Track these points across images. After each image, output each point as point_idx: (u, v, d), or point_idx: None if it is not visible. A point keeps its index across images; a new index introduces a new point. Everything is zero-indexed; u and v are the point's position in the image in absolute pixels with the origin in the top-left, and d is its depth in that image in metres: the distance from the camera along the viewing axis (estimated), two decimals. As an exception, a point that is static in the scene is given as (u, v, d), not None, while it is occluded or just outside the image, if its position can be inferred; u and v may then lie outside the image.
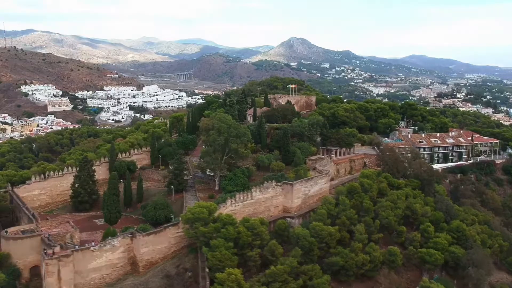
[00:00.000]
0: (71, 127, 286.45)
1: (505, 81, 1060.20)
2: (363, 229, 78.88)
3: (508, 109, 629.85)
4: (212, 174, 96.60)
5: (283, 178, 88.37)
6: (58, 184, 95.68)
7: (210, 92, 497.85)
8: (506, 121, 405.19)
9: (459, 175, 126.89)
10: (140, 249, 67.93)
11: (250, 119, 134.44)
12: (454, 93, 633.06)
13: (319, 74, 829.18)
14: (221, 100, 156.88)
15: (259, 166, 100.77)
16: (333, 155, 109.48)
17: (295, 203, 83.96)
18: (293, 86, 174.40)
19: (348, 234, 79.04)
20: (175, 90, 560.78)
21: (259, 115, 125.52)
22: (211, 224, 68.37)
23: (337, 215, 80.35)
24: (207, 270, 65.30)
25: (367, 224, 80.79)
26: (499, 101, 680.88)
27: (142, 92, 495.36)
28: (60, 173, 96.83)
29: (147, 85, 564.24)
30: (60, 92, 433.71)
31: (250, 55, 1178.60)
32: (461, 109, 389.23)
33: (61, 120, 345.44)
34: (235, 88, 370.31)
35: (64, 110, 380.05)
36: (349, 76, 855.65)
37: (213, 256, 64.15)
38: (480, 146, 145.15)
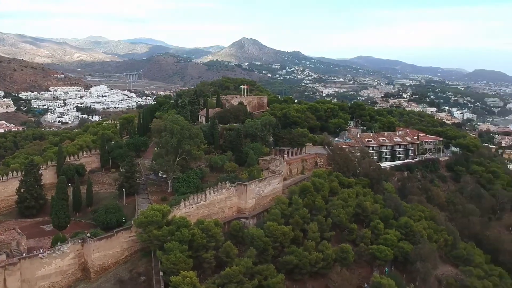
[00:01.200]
0: (14, 129, 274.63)
1: (447, 82, 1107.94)
2: (316, 228, 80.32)
3: (450, 108, 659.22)
4: (164, 176, 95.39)
5: (237, 179, 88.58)
6: (2, 189, 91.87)
7: (161, 93, 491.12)
8: (449, 120, 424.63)
9: (406, 172, 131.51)
10: (91, 255, 66.12)
11: (202, 120, 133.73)
12: (400, 93, 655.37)
13: (270, 75, 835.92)
14: (173, 101, 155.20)
15: (213, 167, 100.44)
16: (286, 155, 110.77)
17: (249, 204, 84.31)
18: (245, 86, 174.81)
19: (301, 233, 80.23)
20: (125, 90, 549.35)
21: (211, 116, 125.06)
22: (165, 227, 67.53)
23: (291, 214, 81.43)
24: (161, 273, 64.43)
25: (319, 223, 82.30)
26: (442, 100, 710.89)
27: (90, 93, 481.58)
28: (4, 178, 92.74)
29: (95, 85, 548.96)
30: (2, 93, 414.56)
31: (201, 55, 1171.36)
32: (407, 108, 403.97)
33: (4, 122, 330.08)
34: (187, 88, 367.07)
35: (6, 112, 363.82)
36: (299, 76, 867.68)
37: (167, 259, 63.38)
38: (425, 144, 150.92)
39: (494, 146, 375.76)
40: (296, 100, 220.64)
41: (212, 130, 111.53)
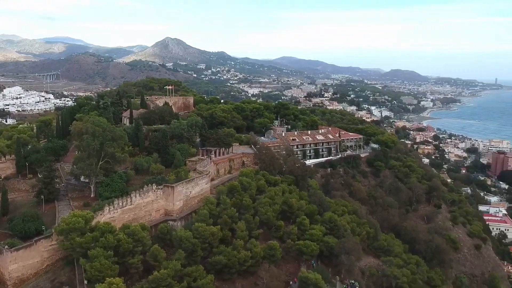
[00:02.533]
0: None
1: (366, 81, 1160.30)
2: (244, 227, 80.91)
3: (369, 106, 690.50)
4: (87, 180, 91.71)
5: (164, 180, 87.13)
6: None
7: (81, 94, 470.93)
8: (368, 118, 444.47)
9: (329, 169, 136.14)
10: (8, 266, 62.21)
11: (126, 121, 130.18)
12: (322, 93, 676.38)
13: (195, 75, 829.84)
14: (94, 102, 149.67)
15: (138, 169, 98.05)
16: (213, 156, 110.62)
17: (176, 206, 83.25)
18: (170, 87, 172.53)
19: (230, 232, 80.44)
20: (42, 92, 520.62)
21: (135, 117, 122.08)
22: (88, 234, 65.03)
23: (219, 214, 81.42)
24: (85, 282, 61.95)
25: (247, 221, 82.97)
26: (361, 99, 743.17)
27: (3, 95, 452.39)
28: None
29: (8, 86, 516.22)
30: None
31: (123, 54, 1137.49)
32: (329, 107, 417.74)
33: None
34: (109, 89, 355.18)
35: None
36: (225, 77, 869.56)
37: (91, 267, 61.05)
38: (347, 141, 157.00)
39: (409, 142, 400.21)
40: (222, 100, 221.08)
41: (136, 132, 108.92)
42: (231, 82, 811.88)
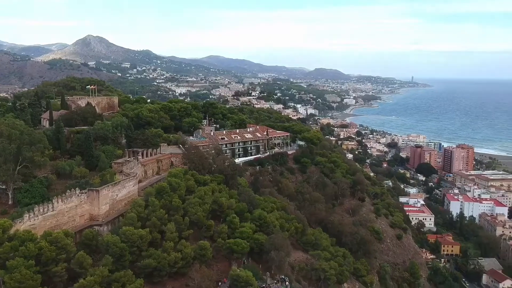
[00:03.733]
0: None
1: (291, 80, 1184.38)
2: (174, 228, 79.86)
3: (295, 104, 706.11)
4: (3, 187, 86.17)
5: (88, 184, 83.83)
6: None
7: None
8: (295, 116, 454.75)
9: (258, 167, 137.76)
10: None
11: (46, 123, 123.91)
12: (250, 92, 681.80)
13: (120, 74, 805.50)
14: (10, 104, 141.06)
15: (60, 174, 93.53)
16: (140, 157, 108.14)
17: (102, 210, 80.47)
18: (92, 86, 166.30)
19: (159, 234, 79.05)
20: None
21: (56, 119, 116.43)
22: (7, 243, 61.27)
23: (147, 217, 79.74)
24: (4, 294, 58.33)
25: (177, 222, 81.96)
26: (287, 97, 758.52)
27: None
28: None
29: None
30: None
31: (41, 53, 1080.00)
32: (256, 106, 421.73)
33: None
34: (26, 89, 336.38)
35: None
36: (151, 76, 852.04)
37: (11, 278, 57.54)
38: (275, 139, 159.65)
39: (334, 138, 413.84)
40: (148, 100, 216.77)
41: (57, 134, 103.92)
42: (157, 81, 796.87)
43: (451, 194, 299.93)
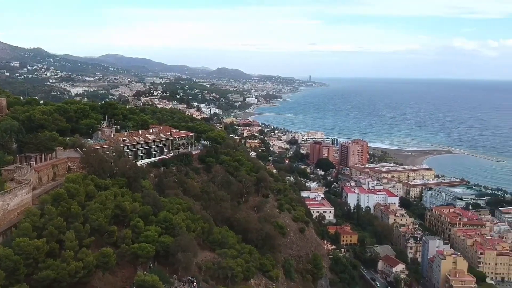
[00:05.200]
0: None
1: (194, 79, 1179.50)
2: (74, 236, 75.77)
3: (199, 104, 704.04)
4: None
5: (-27, 194, 76.79)
6: None
7: None
8: (198, 115, 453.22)
9: (162, 168, 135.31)
10: None
11: None
12: (152, 91, 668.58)
13: (8, 74, 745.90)
14: None
15: None
16: (33, 162, 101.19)
17: (-9, 221, 74.19)
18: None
19: (57, 244, 74.60)
20: None
21: None
22: None
23: (44, 226, 74.79)
24: None
25: (77, 230, 77.86)
26: (191, 97, 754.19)
27: None
28: None
29: None
30: None
31: None
32: (159, 106, 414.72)
33: None
34: None
35: None
36: (43, 75, 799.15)
37: None
38: (179, 139, 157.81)
39: (238, 137, 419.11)
40: (41, 101, 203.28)
41: None
42: (51, 81, 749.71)
43: (348, 187, 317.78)
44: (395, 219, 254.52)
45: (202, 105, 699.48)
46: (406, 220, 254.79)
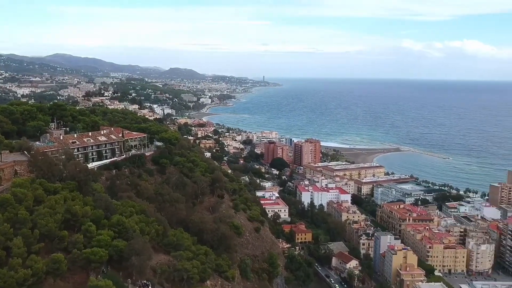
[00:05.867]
0: None
1: (146, 79, 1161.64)
2: (21, 243, 73.02)
3: (151, 105, 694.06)
4: None
5: None
6: None
7: None
8: (151, 116, 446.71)
9: (114, 171, 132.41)
10: None
11: None
12: (102, 92, 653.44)
13: None
14: None
15: None
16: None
17: None
18: None
19: (4, 251, 71.69)
20: None
21: None
22: None
23: (-11, 233, 71.75)
24: None
25: (25, 236, 75.08)
26: (143, 97, 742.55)
27: None
28: None
29: None
30: None
31: None
32: (110, 107, 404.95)
33: None
34: None
35: None
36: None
37: None
38: (131, 141, 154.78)
39: (192, 138, 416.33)
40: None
41: None
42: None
43: (302, 186, 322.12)
44: (347, 216, 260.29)
45: (155, 106, 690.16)
46: (358, 217, 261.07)
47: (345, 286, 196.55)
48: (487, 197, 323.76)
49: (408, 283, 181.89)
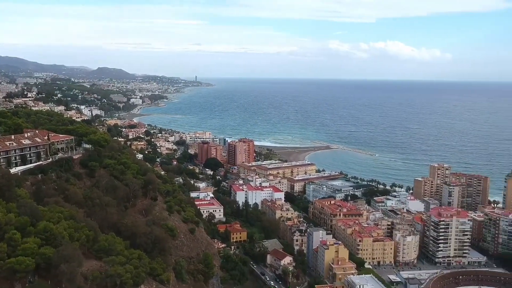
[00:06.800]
0: None
1: (73, 79, 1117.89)
2: None
3: (79, 106, 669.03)
4: None
5: None
6: None
7: None
8: (79, 118, 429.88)
9: (40, 175, 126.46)
10: None
11: None
12: (25, 93, 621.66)
13: None
14: None
15: None
16: None
17: None
18: None
19: None
20: None
21: None
22: None
23: None
24: None
25: None
26: (70, 98, 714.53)
27: None
28: None
29: None
30: None
31: None
32: (34, 108, 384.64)
33: None
34: None
35: None
36: None
37: None
38: (57, 144, 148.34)
39: (122, 139, 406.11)
40: None
41: None
42: None
43: (237, 185, 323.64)
44: (281, 214, 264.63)
45: (82, 107, 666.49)
46: (292, 214, 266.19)
47: (280, 282, 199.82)
48: (411, 191, 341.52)
49: (340, 276, 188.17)
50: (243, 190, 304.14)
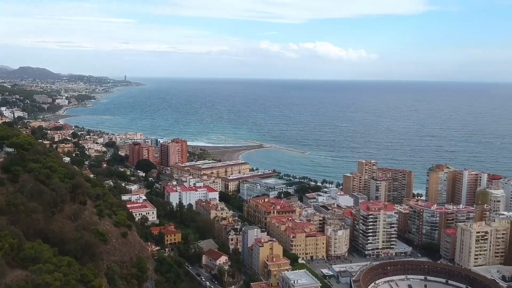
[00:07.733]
0: None
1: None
2: None
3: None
4: None
5: None
6: None
7: None
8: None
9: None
10: None
11: None
12: None
13: None
14: None
15: None
16: None
17: None
18: None
19: None
20: None
21: None
22: None
23: None
24: None
25: None
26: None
27: None
28: None
29: None
30: None
31: None
32: None
33: None
34: None
35: None
36: None
37: None
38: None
39: (48, 142, 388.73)
40: None
41: None
42: None
43: (170, 186, 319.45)
44: (216, 214, 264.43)
45: (3, 108, 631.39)
46: (226, 213, 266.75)
47: (216, 282, 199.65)
48: (341, 187, 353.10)
49: (275, 273, 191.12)
50: (177, 191, 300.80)
